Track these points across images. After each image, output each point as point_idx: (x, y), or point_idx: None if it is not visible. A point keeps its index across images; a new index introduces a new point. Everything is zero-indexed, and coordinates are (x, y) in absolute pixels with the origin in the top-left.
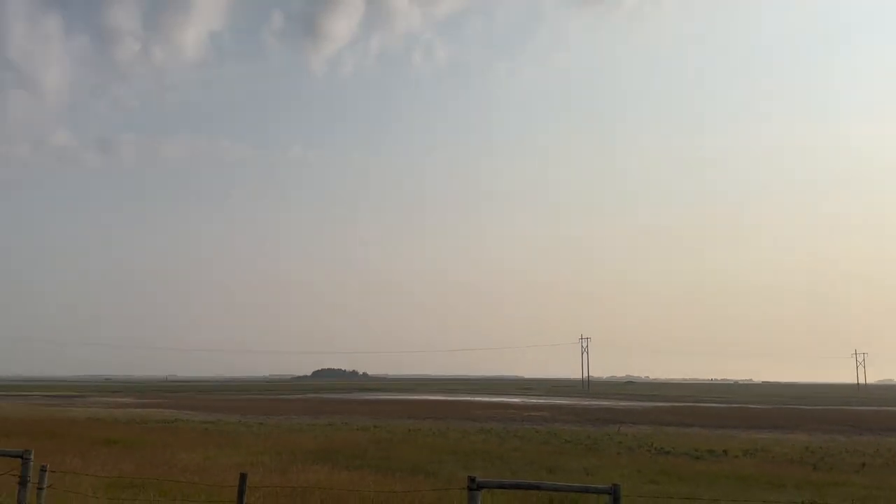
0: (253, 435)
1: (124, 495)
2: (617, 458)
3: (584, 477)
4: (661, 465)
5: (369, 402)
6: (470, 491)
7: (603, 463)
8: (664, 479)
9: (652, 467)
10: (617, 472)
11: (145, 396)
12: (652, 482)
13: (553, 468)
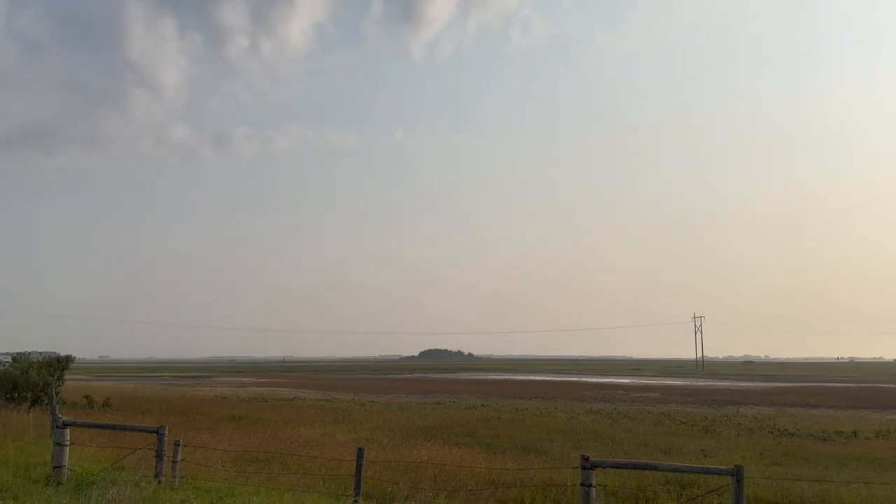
0: (365, 412)
1: (251, 468)
2: (736, 439)
3: (701, 459)
4: (784, 447)
5: (475, 382)
6: (584, 470)
7: (721, 444)
8: (789, 461)
9: (775, 449)
10: (737, 454)
11: (265, 376)
12: (776, 464)
13: (667, 450)
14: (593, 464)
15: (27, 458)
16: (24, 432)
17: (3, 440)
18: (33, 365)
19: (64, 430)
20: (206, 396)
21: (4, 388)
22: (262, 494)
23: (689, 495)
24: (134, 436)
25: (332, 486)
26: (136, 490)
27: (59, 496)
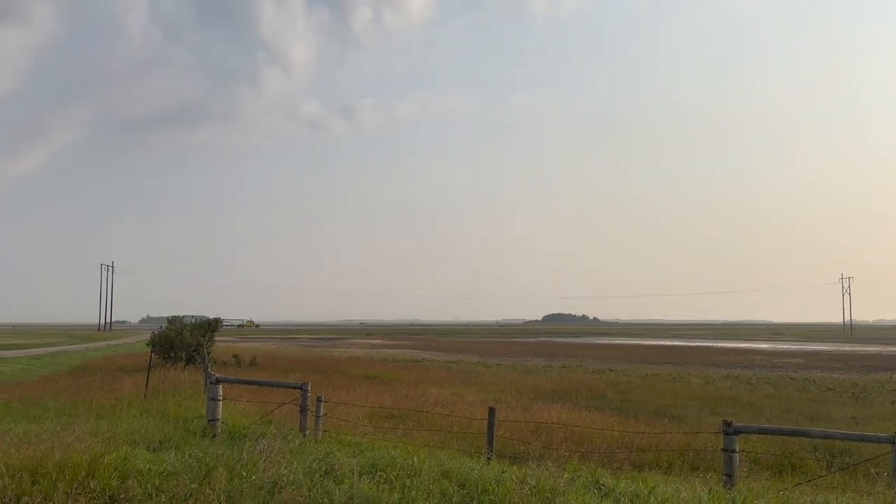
0: (492, 374)
1: (386, 424)
2: (891, 407)
3: (852, 426)
4: None
5: (602, 347)
6: (726, 436)
7: (874, 412)
8: None
9: None
10: (893, 423)
11: (394, 339)
12: None
13: (813, 417)
14: (736, 429)
15: (184, 411)
16: (180, 388)
17: (162, 395)
18: (187, 327)
19: (217, 386)
20: (342, 357)
21: (162, 348)
22: (400, 449)
23: (841, 464)
24: (279, 392)
25: (463, 443)
26: (284, 442)
27: (214, 447)
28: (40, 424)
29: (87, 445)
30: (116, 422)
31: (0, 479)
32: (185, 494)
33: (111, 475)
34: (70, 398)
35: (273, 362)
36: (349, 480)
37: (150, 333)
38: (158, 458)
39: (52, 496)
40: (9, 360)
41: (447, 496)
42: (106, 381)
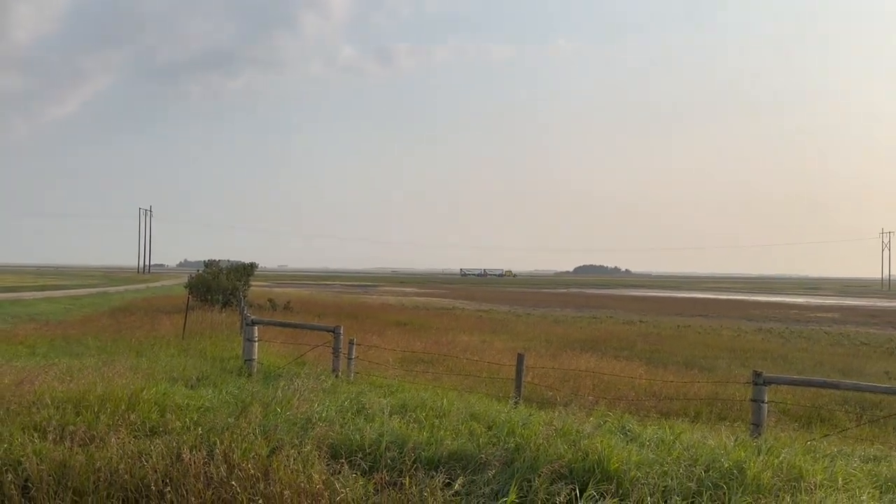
0: (522, 323)
1: (417, 368)
2: None
3: (885, 381)
4: None
5: (632, 299)
6: (756, 386)
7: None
8: None
9: None
10: None
11: (425, 287)
12: None
13: (846, 370)
14: (766, 380)
15: (221, 351)
16: (217, 330)
17: (200, 336)
18: (223, 271)
19: (252, 327)
20: (374, 303)
21: (199, 290)
22: (429, 391)
23: (871, 417)
24: (312, 335)
25: (492, 388)
26: (317, 382)
27: (250, 385)
28: (82, 360)
29: (127, 381)
30: (155, 360)
31: (45, 409)
32: (222, 427)
33: (151, 409)
34: (111, 337)
35: (306, 307)
36: (380, 419)
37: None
38: (196, 394)
39: (94, 427)
40: (51, 300)
41: (474, 436)
42: (145, 321)
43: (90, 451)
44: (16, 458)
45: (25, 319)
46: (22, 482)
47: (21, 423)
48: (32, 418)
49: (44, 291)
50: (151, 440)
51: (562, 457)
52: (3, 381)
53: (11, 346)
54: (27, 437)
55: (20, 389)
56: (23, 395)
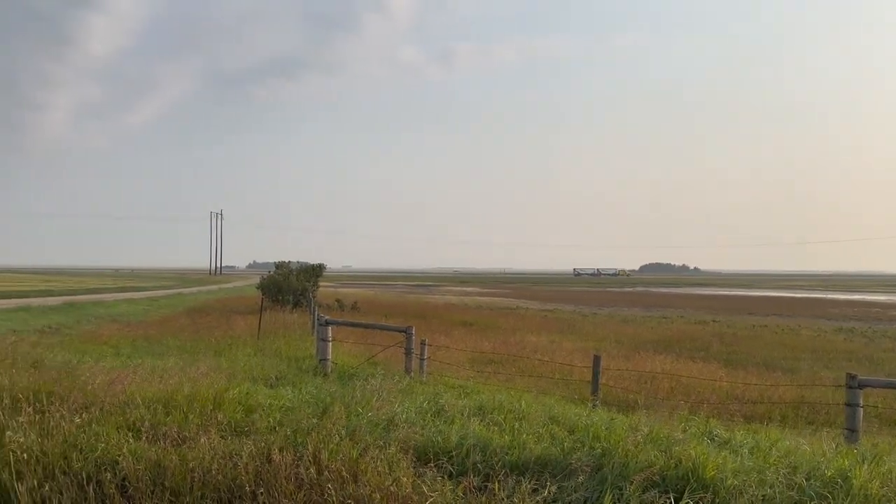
0: (589, 323)
1: (487, 369)
2: None
3: None
4: None
5: (703, 297)
6: (850, 389)
7: None
8: None
9: None
10: None
11: (487, 286)
12: None
13: None
14: (861, 383)
15: (295, 351)
16: (290, 330)
17: (273, 336)
18: (293, 272)
19: (326, 327)
20: (438, 303)
21: (271, 291)
22: (503, 393)
23: None
24: (381, 335)
25: (565, 390)
26: (392, 382)
27: (327, 384)
28: (164, 360)
29: (211, 381)
30: (233, 359)
31: (137, 409)
32: (308, 428)
33: (236, 409)
34: (189, 337)
35: (373, 307)
36: (459, 421)
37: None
38: (277, 393)
39: (184, 426)
40: (130, 302)
41: (557, 440)
42: (221, 321)
43: (183, 451)
44: (112, 458)
45: (108, 320)
46: (119, 481)
47: (115, 422)
48: (126, 418)
49: (123, 293)
50: (240, 440)
51: (653, 464)
52: (96, 382)
53: (97, 346)
54: (122, 437)
55: (112, 389)
56: (115, 395)
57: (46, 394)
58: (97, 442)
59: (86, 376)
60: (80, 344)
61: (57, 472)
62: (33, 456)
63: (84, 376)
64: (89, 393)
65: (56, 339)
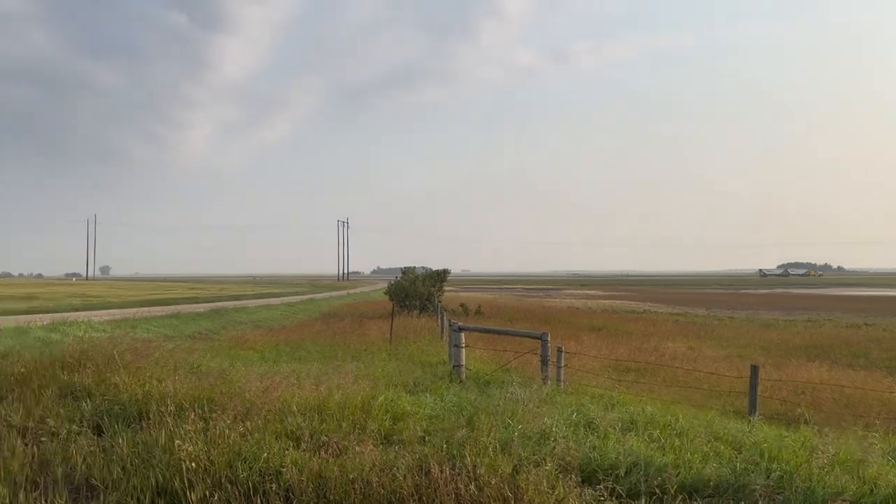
0: (727, 328)
1: (627, 377)
2: None
3: None
4: None
5: (850, 299)
6: None
7: None
8: None
9: None
10: None
11: (609, 289)
12: None
13: None
14: None
15: (427, 356)
16: (419, 335)
17: (405, 341)
18: (419, 278)
19: (459, 333)
20: (560, 307)
21: (398, 296)
22: (652, 405)
23: None
24: (509, 340)
25: (716, 402)
26: (531, 391)
27: (465, 392)
28: (308, 365)
29: (359, 387)
30: (370, 364)
31: (293, 417)
32: (461, 440)
33: (384, 416)
34: (327, 342)
35: (496, 311)
36: (613, 436)
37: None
38: (418, 400)
39: (337, 434)
40: (269, 308)
41: (723, 459)
42: (354, 326)
43: (343, 461)
44: (276, 468)
45: (251, 326)
46: (284, 492)
47: (274, 430)
48: (284, 426)
49: (261, 299)
50: (392, 449)
51: (843, 489)
52: (252, 389)
53: (244, 352)
54: (283, 446)
55: (268, 396)
56: (271, 402)
57: (207, 400)
58: (260, 451)
59: (242, 383)
60: (229, 349)
61: (224, 482)
62: (201, 465)
63: (240, 383)
64: (247, 400)
65: (206, 345)
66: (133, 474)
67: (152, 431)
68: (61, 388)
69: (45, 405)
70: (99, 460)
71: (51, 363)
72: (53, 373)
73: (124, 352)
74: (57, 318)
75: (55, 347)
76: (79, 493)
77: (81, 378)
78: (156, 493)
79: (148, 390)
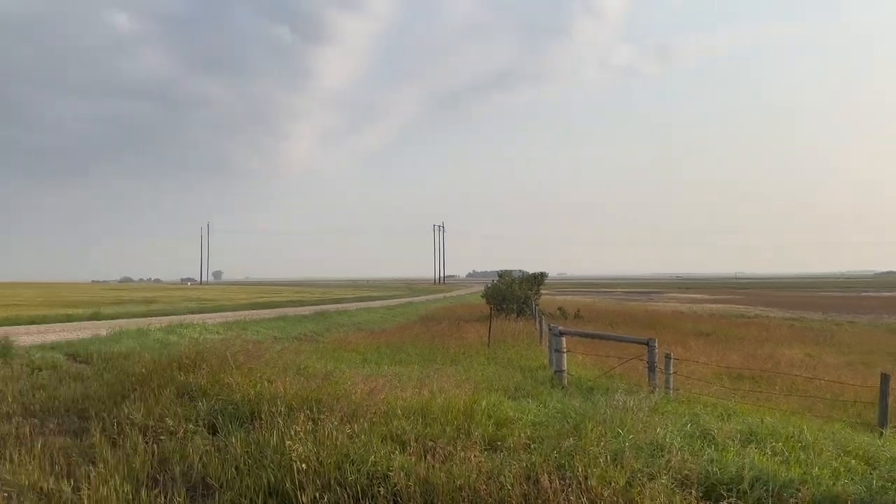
0: (847, 334)
1: (743, 386)
2: None
3: None
4: None
5: None
6: None
7: None
8: None
9: None
10: None
11: (716, 293)
12: None
13: None
14: None
15: (526, 361)
16: (517, 339)
17: (503, 345)
18: (515, 280)
19: (560, 337)
20: (663, 311)
21: (495, 299)
22: (769, 416)
23: None
24: (611, 345)
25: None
26: (638, 399)
27: (568, 398)
28: (408, 368)
29: (461, 391)
30: (469, 368)
31: (397, 420)
32: (569, 449)
33: (487, 422)
34: (426, 345)
35: (596, 315)
36: (732, 448)
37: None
38: (521, 406)
39: (442, 439)
40: (369, 310)
41: (860, 477)
42: (451, 329)
43: (449, 467)
44: (383, 471)
45: (353, 328)
46: (392, 496)
47: (380, 433)
48: (389, 429)
49: (361, 302)
50: (496, 456)
51: None
52: (357, 391)
53: (347, 353)
54: (390, 449)
55: (372, 399)
56: (376, 404)
57: (315, 402)
58: (367, 453)
59: (347, 385)
60: (333, 351)
61: (333, 484)
62: (311, 466)
63: (345, 385)
64: (353, 402)
65: (312, 347)
66: (246, 474)
67: (264, 432)
68: (178, 388)
69: (163, 404)
70: (214, 459)
71: (168, 364)
72: (171, 373)
73: (236, 353)
74: (174, 321)
75: (172, 349)
76: (195, 492)
77: (196, 378)
78: (268, 493)
79: (259, 391)
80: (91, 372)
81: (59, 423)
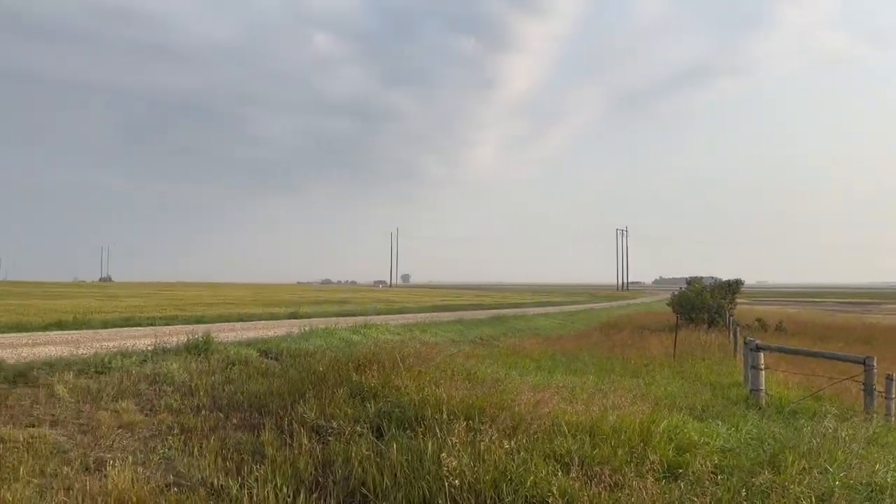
0: None
1: None
2: None
3: None
4: None
5: None
6: None
7: None
8: None
9: None
10: None
11: None
12: None
13: None
14: None
15: (717, 377)
16: (708, 351)
17: (691, 358)
18: (706, 288)
19: (758, 353)
20: (883, 324)
21: (683, 308)
22: None
23: None
24: (818, 363)
25: None
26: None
27: (766, 423)
28: (583, 379)
29: (637, 409)
30: (651, 382)
31: (562, 437)
32: (764, 485)
33: (665, 445)
34: (604, 354)
35: (801, 328)
36: None
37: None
38: (708, 429)
39: (611, 463)
40: (547, 316)
41: None
42: (633, 338)
43: (617, 496)
44: (542, 495)
45: (529, 334)
46: None
47: (542, 451)
48: (553, 447)
49: (540, 307)
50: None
51: None
52: (522, 402)
53: (520, 359)
54: (551, 471)
55: (537, 411)
56: (541, 418)
57: (477, 410)
58: (526, 473)
59: (513, 394)
60: (506, 357)
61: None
62: (466, 481)
63: (512, 394)
64: (516, 414)
65: (486, 351)
66: (403, 484)
67: (424, 440)
68: (352, 388)
69: (336, 404)
70: (374, 466)
71: (346, 363)
72: (347, 373)
73: (408, 355)
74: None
75: (355, 348)
76: (353, 499)
77: (368, 379)
78: None
79: (425, 395)
80: (278, 368)
81: (241, 418)
